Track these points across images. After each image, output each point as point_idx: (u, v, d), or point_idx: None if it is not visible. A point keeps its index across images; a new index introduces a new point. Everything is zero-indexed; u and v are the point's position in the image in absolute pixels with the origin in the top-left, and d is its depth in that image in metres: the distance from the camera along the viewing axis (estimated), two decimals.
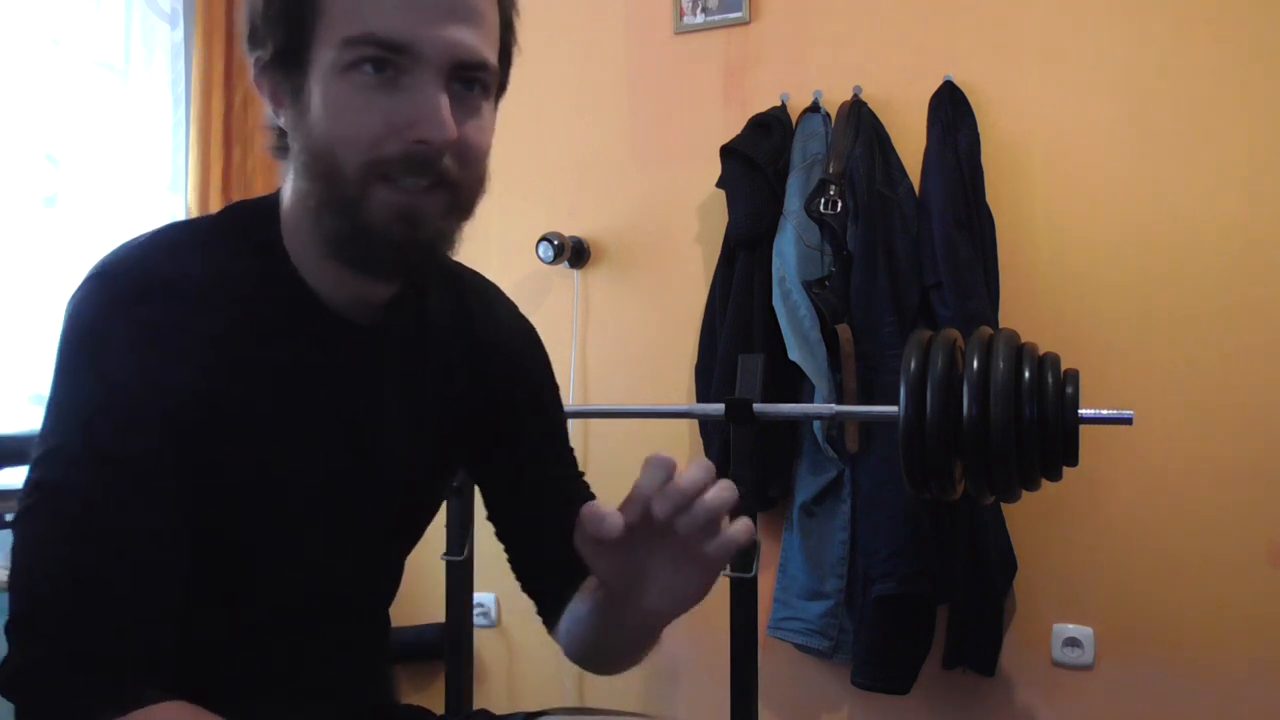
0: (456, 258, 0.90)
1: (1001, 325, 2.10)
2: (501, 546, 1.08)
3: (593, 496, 1.07)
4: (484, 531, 1.10)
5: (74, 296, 0.80)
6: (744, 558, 1.71)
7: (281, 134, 0.85)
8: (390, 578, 1.03)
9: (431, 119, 0.77)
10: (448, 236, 0.83)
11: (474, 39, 0.80)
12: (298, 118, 0.81)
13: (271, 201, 0.88)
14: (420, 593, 2.49)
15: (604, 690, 2.29)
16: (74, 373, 0.78)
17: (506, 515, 1.06)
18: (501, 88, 0.88)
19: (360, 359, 0.90)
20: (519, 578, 1.06)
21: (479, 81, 0.82)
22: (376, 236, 0.79)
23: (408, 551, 1.03)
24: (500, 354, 1.01)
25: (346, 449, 0.89)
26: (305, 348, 0.86)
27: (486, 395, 1.00)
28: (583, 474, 1.08)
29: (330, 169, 0.79)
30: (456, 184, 0.81)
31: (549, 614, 1.04)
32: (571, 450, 1.09)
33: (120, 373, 0.77)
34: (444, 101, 0.78)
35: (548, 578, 1.03)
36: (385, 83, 0.78)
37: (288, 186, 0.86)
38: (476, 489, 1.11)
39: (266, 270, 0.85)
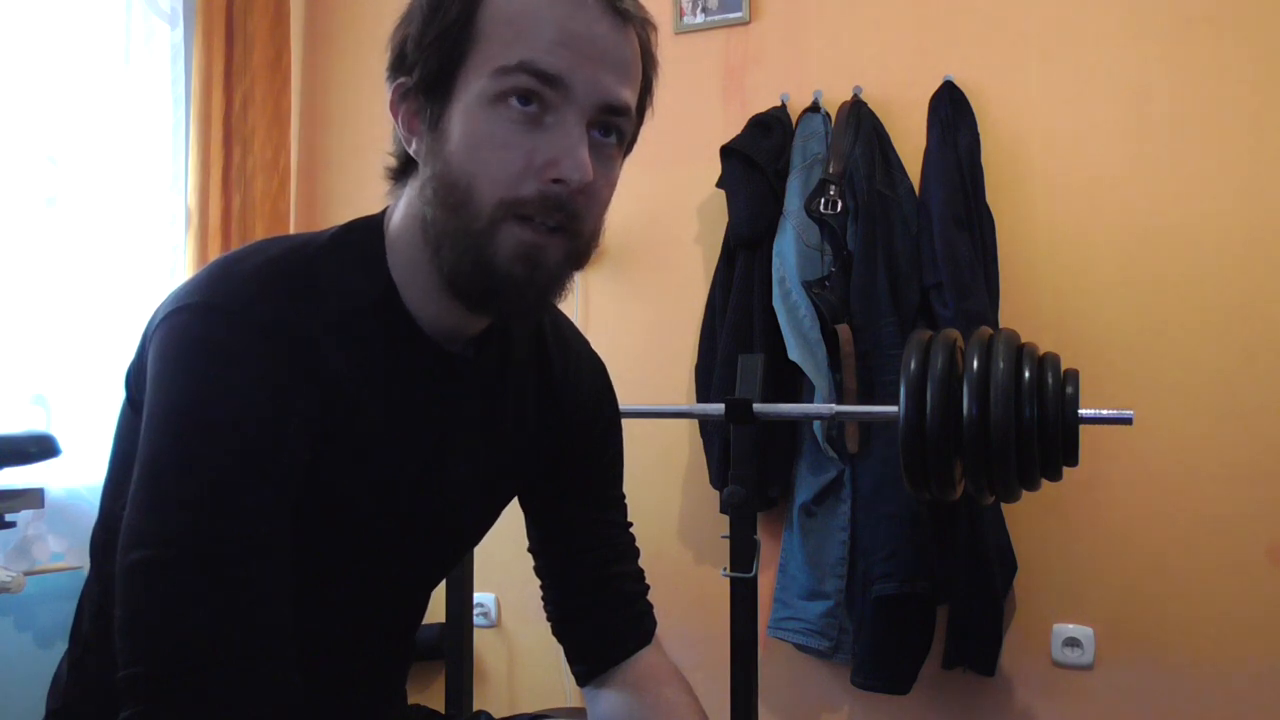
0: None
1: (1001, 325, 2.10)
2: (502, 547, 1.08)
3: (637, 551, 1.08)
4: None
5: (172, 324, 0.78)
6: (744, 558, 1.71)
7: (406, 161, 0.85)
8: (425, 601, 1.04)
9: (570, 159, 0.78)
10: (562, 283, 0.83)
11: (622, 85, 0.81)
12: (434, 145, 0.80)
13: (379, 222, 0.88)
14: None
15: None
16: (185, 416, 0.75)
17: (549, 554, 1.06)
18: (630, 144, 0.89)
19: (448, 389, 0.90)
20: (551, 618, 1.06)
21: (617, 129, 0.83)
22: (497, 273, 0.79)
23: (444, 577, 1.05)
24: (572, 396, 1.02)
25: (424, 477, 0.89)
26: (402, 375, 0.86)
27: (554, 435, 1.00)
28: (631, 524, 1.08)
29: (463, 200, 0.78)
30: (579, 231, 0.82)
31: (576, 660, 1.05)
32: (624, 498, 1.09)
33: (234, 417, 0.75)
34: (585, 143, 0.79)
35: (582, 624, 1.04)
36: (529, 118, 0.78)
37: (399, 211, 0.86)
38: None
39: (372, 295, 0.84)
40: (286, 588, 0.77)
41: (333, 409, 0.81)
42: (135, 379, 0.82)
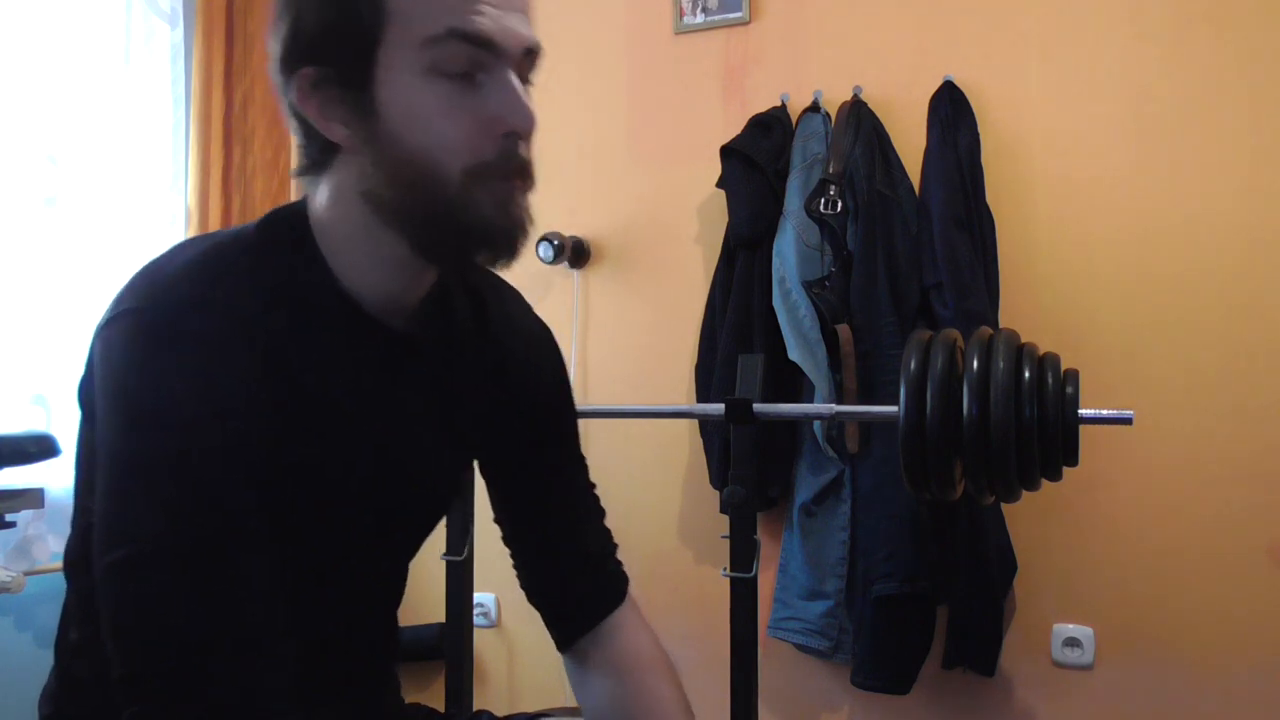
0: None
1: (1001, 325, 2.10)
2: (502, 547, 1.08)
3: (603, 511, 1.08)
4: (484, 531, 1.11)
5: (113, 331, 0.78)
6: (744, 558, 1.71)
7: (321, 153, 0.85)
8: (401, 575, 1.04)
9: (518, 112, 0.81)
10: (530, 216, 0.86)
11: (531, 26, 0.84)
12: (369, 129, 0.80)
13: (302, 210, 0.88)
14: (420, 593, 2.48)
15: None
16: (142, 416, 0.75)
17: (514, 521, 1.06)
18: None
19: (395, 360, 0.91)
20: (524, 586, 1.07)
21: (533, 68, 0.86)
22: (481, 229, 0.82)
23: (418, 549, 1.04)
24: (516, 357, 1.02)
25: (381, 449, 0.90)
26: (346, 351, 0.87)
27: (503, 397, 1.01)
28: (594, 485, 1.09)
29: (425, 174, 0.80)
30: (532, 172, 0.85)
31: (554, 625, 1.05)
32: (583, 459, 1.09)
33: (189, 411, 0.75)
34: (523, 92, 0.82)
35: (554, 587, 1.05)
36: (466, 81, 0.80)
37: (325, 197, 0.86)
38: (478, 490, 1.10)
39: (306, 278, 0.85)
40: (268, 570, 0.77)
41: (285, 393, 0.82)
42: (87, 394, 0.83)
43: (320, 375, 0.85)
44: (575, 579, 1.04)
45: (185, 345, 0.76)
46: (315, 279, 0.85)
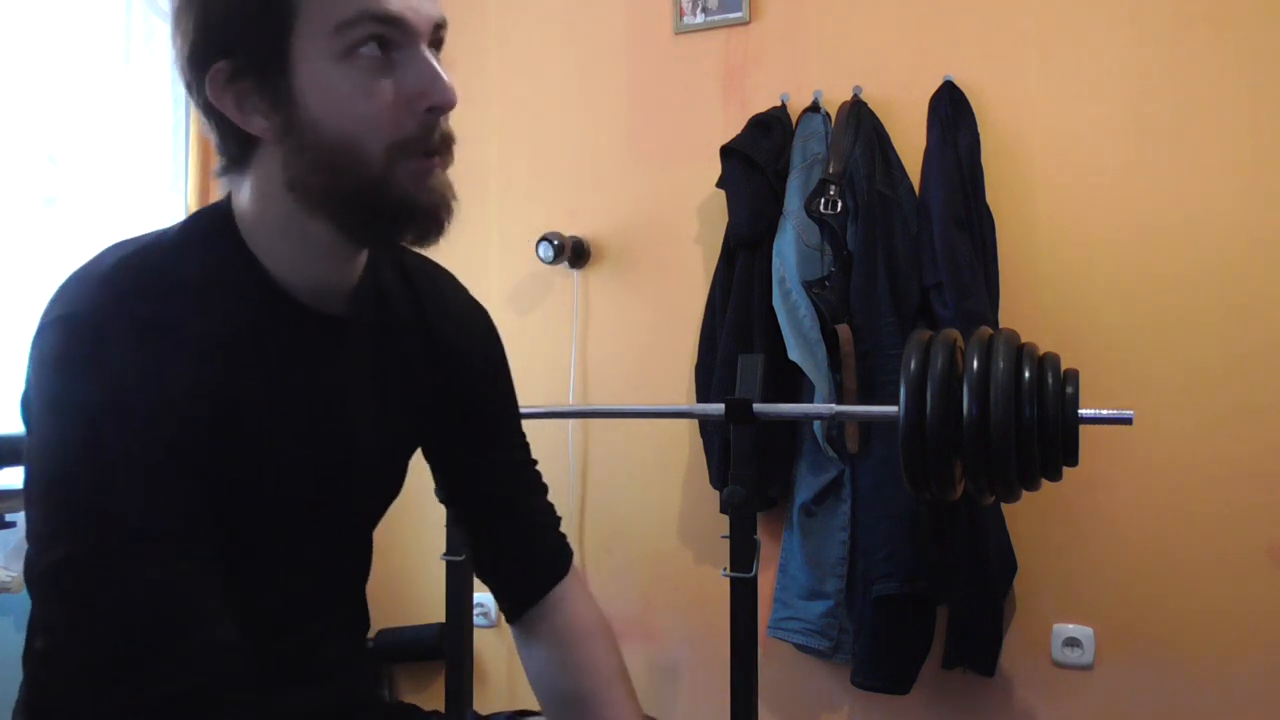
0: (453, 254, 0.92)
1: (1001, 325, 2.11)
2: None
3: (545, 486, 1.12)
4: None
5: (46, 338, 0.78)
6: (744, 558, 1.71)
7: (240, 149, 0.85)
8: (364, 556, 1.06)
9: (436, 86, 0.81)
10: (453, 193, 0.86)
11: (439, 2, 0.85)
12: (289, 118, 0.81)
13: (226, 207, 0.89)
14: (420, 593, 2.50)
15: None
16: (78, 418, 0.76)
17: (460, 501, 1.09)
18: None
19: (333, 347, 0.92)
20: (472, 561, 1.10)
21: (443, 41, 0.87)
22: (405, 206, 0.83)
23: (374, 526, 1.06)
24: (451, 339, 1.04)
25: (328, 435, 0.91)
26: (285, 341, 0.88)
27: (441, 380, 1.02)
28: (536, 461, 1.12)
29: (350, 159, 0.80)
30: (452, 148, 0.86)
31: (503, 597, 1.08)
32: (524, 437, 1.12)
33: (126, 408, 0.76)
34: (439, 67, 0.82)
35: (501, 562, 1.08)
36: (382, 61, 0.80)
37: (249, 192, 0.87)
38: None
39: (239, 271, 0.86)
40: (221, 559, 0.78)
41: (226, 384, 0.82)
42: (28, 406, 0.83)
43: (260, 364, 0.85)
44: (521, 553, 1.07)
45: (119, 345, 0.77)
46: (245, 272, 0.86)
